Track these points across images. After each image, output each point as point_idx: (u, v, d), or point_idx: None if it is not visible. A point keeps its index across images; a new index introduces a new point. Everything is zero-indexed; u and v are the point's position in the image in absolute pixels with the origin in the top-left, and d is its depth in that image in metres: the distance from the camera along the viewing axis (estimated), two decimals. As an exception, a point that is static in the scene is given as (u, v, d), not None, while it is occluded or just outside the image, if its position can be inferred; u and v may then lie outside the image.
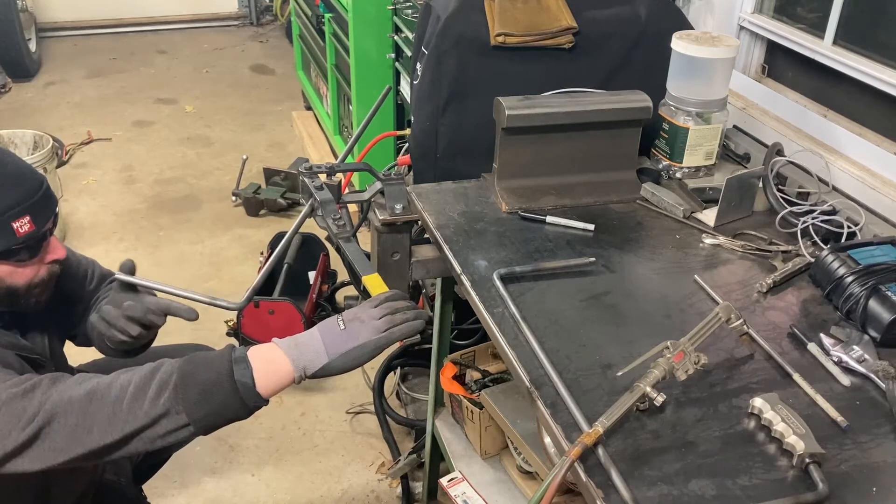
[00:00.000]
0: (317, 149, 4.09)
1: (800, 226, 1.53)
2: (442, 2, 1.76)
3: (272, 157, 4.26)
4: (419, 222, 1.63)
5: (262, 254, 3.10)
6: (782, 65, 2.12)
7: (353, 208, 1.55)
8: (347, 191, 1.61)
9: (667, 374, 1.07)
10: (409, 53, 2.75)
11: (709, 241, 1.53)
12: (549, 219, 1.58)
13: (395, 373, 2.62)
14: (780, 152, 1.78)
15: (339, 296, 2.95)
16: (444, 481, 1.84)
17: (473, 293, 1.36)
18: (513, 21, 1.72)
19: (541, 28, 1.73)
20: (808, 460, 0.99)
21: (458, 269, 1.43)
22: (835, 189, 1.72)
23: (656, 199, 1.66)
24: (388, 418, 2.45)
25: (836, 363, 1.20)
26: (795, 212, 1.58)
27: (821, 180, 1.72)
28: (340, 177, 1.81)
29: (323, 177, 1.52)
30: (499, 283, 1.35)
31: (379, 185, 1.54)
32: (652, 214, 1.64)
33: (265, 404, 1.20)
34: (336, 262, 2.66)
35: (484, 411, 1.76)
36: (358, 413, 2.59)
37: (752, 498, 0.96)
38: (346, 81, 3.41)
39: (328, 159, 3.86)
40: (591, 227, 1.56)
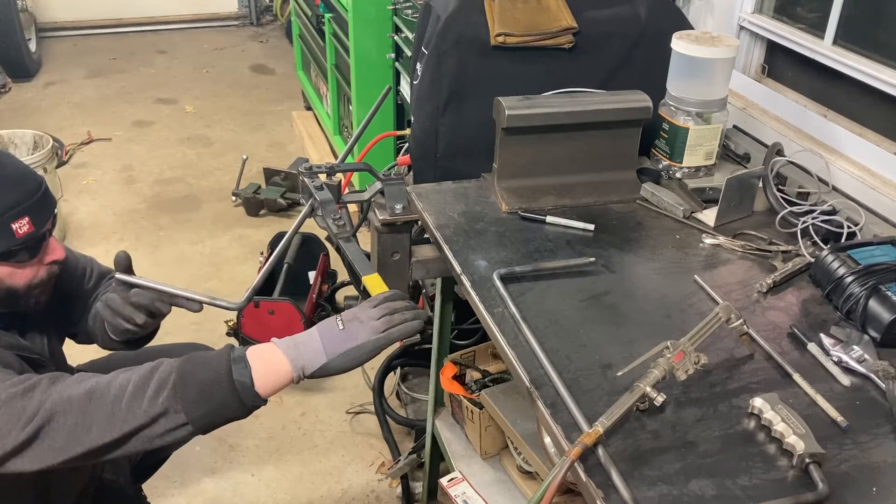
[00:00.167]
0: (317, 149, 4.09)
1: (800, 226, 1.53)
2: (442, 2, 1.76)
3: (272, 157, 4.26)
4: (419, 222, 1.62)
5: (262, 254, 3.10)
6: (782, 65, 2.12)
7: (353, 208, 1.55)
8: (347, 191, 1.61)
9: (667, 374, 1.07)
10: (409, 53, 2.75)
11: (709, 241, 1.53)
12: (549, 219, 1.58)
13: (395, 373, 2.62)
14: (780, 152, 1.78)
15: (339, 296, 2.95)
16: (444, 481, 1.84)
17: (473, 293, 1.35)
18: (513, 21, 1.72)
19: (541, 28, 1.73)
20: (808, 460, 0.99)
21: (458, 269, 1.43)
22: (835, 189, 1.72)
23: (656, 199, 1.66)
24: (388, 418, 2.45)
25: (836, 363, 1.20)
26: (795, 212, 1.58)
27: (821, 180, 1.72)
28: (340, 177, 1.81)
29: (323, 177, 1.52)
30: (499, 283, 1.35)
31: (379, 185, 1.54)
32: (652, 214, 1.64)
33: (264, 404, 1.20)
34: (336, 262, 2.66)
35: (484, 411, 1.75)
36: (358, 413, 2.59)
37: (752, 498, 0.96)
38: (346, 81, 3.41)
39: (328, 159, 3.85)
40: (591, 227, 1.56)
